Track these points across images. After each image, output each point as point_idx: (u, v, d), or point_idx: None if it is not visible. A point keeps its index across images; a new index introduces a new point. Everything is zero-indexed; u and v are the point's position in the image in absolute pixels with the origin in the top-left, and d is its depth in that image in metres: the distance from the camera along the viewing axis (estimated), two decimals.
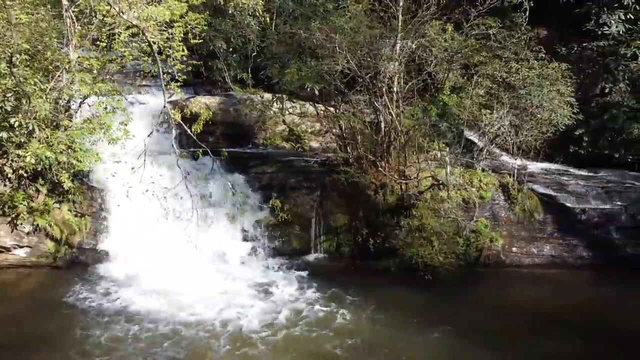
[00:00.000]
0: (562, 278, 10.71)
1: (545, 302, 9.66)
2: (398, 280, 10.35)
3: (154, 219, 10.63)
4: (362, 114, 12.15)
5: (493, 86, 12.25)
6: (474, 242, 10.93)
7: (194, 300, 9.29)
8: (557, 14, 15.22)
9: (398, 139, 11.10)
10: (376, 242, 11.01)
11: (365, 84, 10.48)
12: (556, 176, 12.86)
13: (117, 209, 11.02)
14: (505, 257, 11.09)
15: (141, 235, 11.04)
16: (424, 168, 11.25)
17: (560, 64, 12.17)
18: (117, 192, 10.65)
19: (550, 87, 11.85)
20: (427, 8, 10.26)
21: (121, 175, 9.39)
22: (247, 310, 9.01)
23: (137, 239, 11.01)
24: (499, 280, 10.54)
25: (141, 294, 9.58)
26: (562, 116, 11.86)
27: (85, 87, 9.74)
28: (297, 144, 13.63)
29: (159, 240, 10.89)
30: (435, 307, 9.26)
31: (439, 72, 11.32)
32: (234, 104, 14.13)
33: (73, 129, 10.06)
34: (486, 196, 11.52)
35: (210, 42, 15.00)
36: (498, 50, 12.09)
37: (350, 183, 11.17)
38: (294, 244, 11.45)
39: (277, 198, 11.68)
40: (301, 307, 9.17)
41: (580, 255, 11.21)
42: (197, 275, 10.18)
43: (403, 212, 11.11)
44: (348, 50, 9.64)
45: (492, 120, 11.64)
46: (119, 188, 10.37)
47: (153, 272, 10.22)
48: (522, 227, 11.44)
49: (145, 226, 11.00)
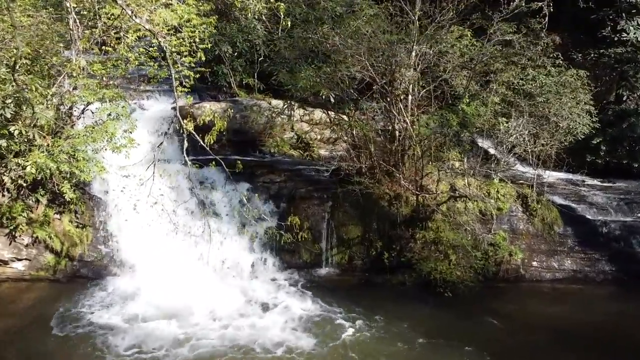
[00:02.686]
0: (584, 294, 10.29)
1: (568, 320, 9.24)
2: (414, 296, 9.92)
3: (160, 231, 10.17)
4: (374, 122, 11.75)
5: (508, 93, 11.90)
6: (492, 256, 10.51)
7: (200, 318, 8.83)
8: (572, 19, 14.89)
9: (413, 148, 10.68)
10: (391, 255, 10.57)
11: (381, 91, 10.06)
12: (574, 186, 12.46)
13: (120, 219, 10.57)
14: (525, 272, 10.67)
15: (146, 247, 10.60)
16: (440, 179, 10.83)
17: (579, 71, 11.82)
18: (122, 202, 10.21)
19: (570, 95, 11.49)
20: (445, 13, 9.86)
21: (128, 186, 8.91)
22: (256, 330, 8.57)
23: (142, 251, 10.58)
24: (520, 296, 10.10)
25: (145, 311, 9.14)
26: (581, 125, 11.51)
27: (88, 93, 9.27)
28: (305, 151, 13.20)
29: (164, 252, 10.46)
30: (453, 326, 8.82)
31: (456, 79, 10.91)
32: (240, 110, 13.69)
33: (75, 136, 9.58)
34: (504, 208, 11.10)
35: (216, 46, 14.58)
36: (514, 57, 11.74)
37: (363, 193, 10.74)
38: (304, 256, 11.00)
39: (287, 209, 11.25)
40: (312, 325, 8.75)
41: (602, 269, 10.80)
42: (203, 290, 9.72)
43: (418, 224, 10.69)
44: (365, 56, 9.22)
45: (509, 128, 11.25)
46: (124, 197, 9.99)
47: (158, 287, 9.77)
48: (542, 240, 11.03)
49: (151, 238, 10.55)
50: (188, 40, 8.86)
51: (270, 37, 14.44)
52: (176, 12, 9.39)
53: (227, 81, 15.11)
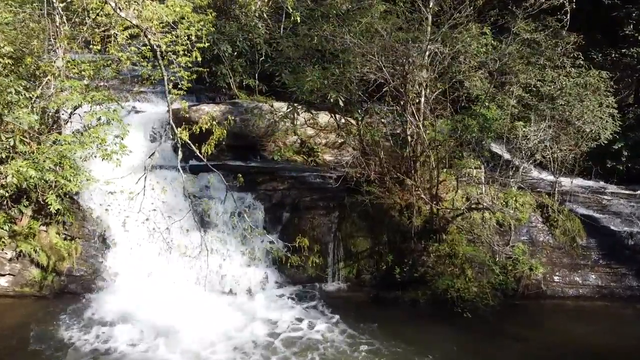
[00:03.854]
0: (611, 312, 9.54)
1: (595, 343, 8.45)
2: (428, 315, 9.17)
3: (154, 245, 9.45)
4: (383, 126, 11.00)
5: (525, 96, 11.18)
6: (511, 271, 9.76)
7: (195, 341, 8.08)
8: (589, 17, 14.12)
9: (427, 154, 9.94)
10: (402, 270, 9.83)
11: (392, 94, 9.32)
12: (596, 195, 11.70)
13: (111, 231, 9.86)
14: (547, 288, 9.92)
15: (140, 261, 9.89)
16: (455, 187, 10.09)
17: (600, 72, 11.09)
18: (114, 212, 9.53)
19: (592, 97, 10.76)
20: (461, 9, 9.11)
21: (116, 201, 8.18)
22: (254, 352, 7.85)
23: (134, 266, 9.87)
24: (542, 315, 9.35)
25: (137, 332, 8.37)
26: (605, 130, 10.78)
27: (75, 96, 8.53)
28: (309, 157, 12.47)
29: (158, 267, 9.74)
30: (472, 350, 8.06)
31: (472, 80, 10.16)
32: (240, 113, 12.93)
33: (62, 143, 8.85)
34: (523, 218, 10.37)
35: (215, 45, 13.86)
36: (532, 57, 11.02)
37: (373, 203, 10.00)
38: (309, 271, 10.21)
39: (291, 219, 10.52)
40: (312, 348, 8.01)
41: (629, 285, 10.05)
42: (200, 309, 8.98)
43: (432, 237, 9.95)
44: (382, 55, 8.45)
45: (528, 133, 10.52)
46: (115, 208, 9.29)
47: (152, 305, 9.03)
48: (564, 253, 10.29)
49: (145, 251, 9.83)
50: (183, 39, 8.11)
51: (272, 36, 13.72)
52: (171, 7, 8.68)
53: (227, 82, 14.37)
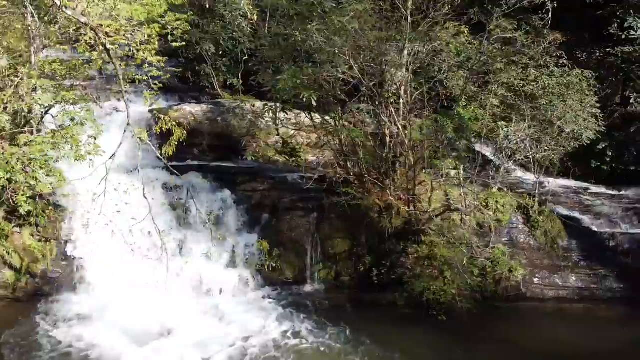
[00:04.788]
0: (591, 315, 9.45)
1: (572, 346, 8.40)
2: (406, 317, 9.09)
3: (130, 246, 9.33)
4: (364, 126, 10.89)
5: (508, 95, 11.06)
6: (490, 273, 9.66)
7: (169, 344, 7.98)
8: (575, 16, 14.03)
9: (405, 155, 9.83)
10: (380, 272, 9.72)
11: (369, 93, 9.20)
12: (578, 195, 11.62)
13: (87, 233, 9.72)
14: (526, 290, 9.82)
15: (116, 262, 9.73)
16: (434, 188, 9.99)
17: (584, 71, 10.98)
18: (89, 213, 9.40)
19: (574, 97, 10.66)
20: (439, 8, 9.00)
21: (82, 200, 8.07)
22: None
23: (111, 267, 9.71)
24: (521, 318, 9.25)
25: (111, 334, 8.28)
26: (586, 130, 10.67)
27: (46, 96, 8.40)
28: (291, 157, 12.33)
29: (134, 269, 9.60)
30: (447, 355, 7.98)
31: (452, 80, 10.05)
32: (222, 113, 12.83)
33: (34, 143, 8.71)
34: (503, 219, 10.28)
35: (197, 44, 13.74)
36: (514, 56, 10.91)
37: (351, 204, 9.89)
38: (287, 272, 10.14)
39: (269, 220, 10.42)
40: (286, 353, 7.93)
41: (610, 287, 9.95)
42: (175, 311, 8.86)
43: (411, 238, 9.84)
44: (351, 55, 8.35)
45: (509, 133, 10.42)
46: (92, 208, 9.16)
47: (127, 307, 8.92)
48: (545, 254, 10.20)
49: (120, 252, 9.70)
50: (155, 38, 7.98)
51: (256, 35, 13.60)
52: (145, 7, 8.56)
53: (210, 82, 14.28)
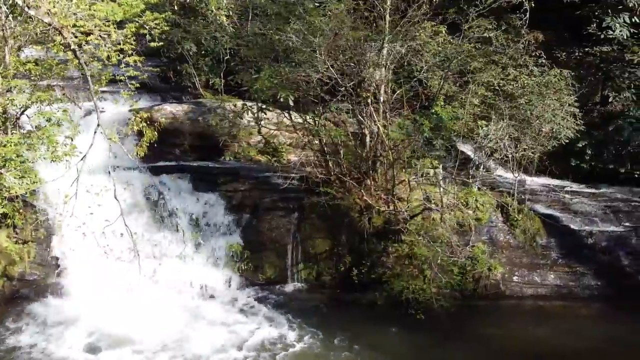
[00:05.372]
0: (569, 313, 9.50)
1: (551, 343, 8.45)
2: (386, 316, 9.08)
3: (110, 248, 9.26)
4: (345, 125, 10.89)
5: (488, 94, 11.13)
6: (470, 271, 9.71)
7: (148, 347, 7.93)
8: (555, 16, 14.16)
9: (385, 154, 9.85)
10: (361, 271, 9.74)
11: (348, 93, 9.21)
12: (557, 193, 11.71)
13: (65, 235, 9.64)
14: (506, 288, 9.88)
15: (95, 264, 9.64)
16: (414, 187, 10.02)
17: (562, 70, 11.08)
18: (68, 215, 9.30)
19: (553, 96, 10.75)
20: (418, 7, 9.02)
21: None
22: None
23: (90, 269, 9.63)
24: (500, 316, 9.30)
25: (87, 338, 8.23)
26: (565, 129, 10.77)
27: (22, 96, 8.31)
28: (273, 157, 12.30)
29: (114, 271, 9.52)
30: (425, 354, 8.01)
31: (431, 79, 10.09)
32: (203, 113, 12.76)
33: (9, 144, 8.61)
34: (483, 218, 10.32)
35: (179, 44, 13.66)
36: (494, 55, 10.97)
37: (331, 204, 9.89)
38: (268, 272, 10.13)
39: (250, 221, 10.40)
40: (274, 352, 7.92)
41: (588, 284, 10.03)
42: (155, 313, 8.79)
43: (391, 237, 9.86)
44: (328, 55, 8.35)
45: (488, 132, 10.48)
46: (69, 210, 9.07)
47: (104, 310, 8.81)
48: (524, 252, 10.26)
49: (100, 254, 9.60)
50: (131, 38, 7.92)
51: (239, 34, 13.55)
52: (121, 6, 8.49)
53: (192, 81, 14.21)
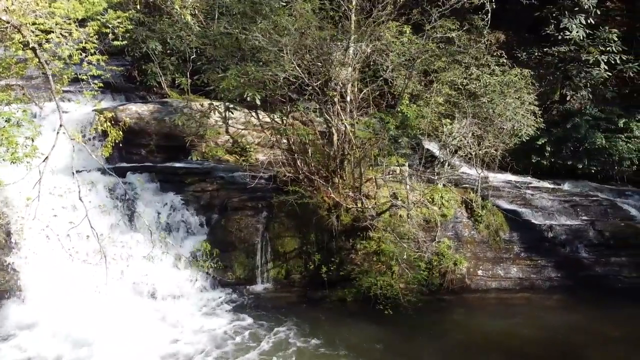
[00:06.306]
0: (531, 303, 9.84)
1: (514, 334, 8.73)
2: (354, 313, 9.21)
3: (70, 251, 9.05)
4: (313, 124, 10.95)
5: (452, 93, 11.40)
6: (436, 266, 9.93)
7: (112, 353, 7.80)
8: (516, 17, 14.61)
9: (352, 152, 9.96)
10: (330, 269, 9.81)
11: (315, 92, 9.28)
12: (519, 189, 12.09)
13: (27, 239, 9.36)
14: (470, 282, 10.15)
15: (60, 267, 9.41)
16: (381, 185, 10.17)
17: (523, 70, 11.44)
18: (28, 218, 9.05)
19: (514, 95, 11.08)
20: (382, 8, 9.16)
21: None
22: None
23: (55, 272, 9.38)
24: (465, 309, 9.54)
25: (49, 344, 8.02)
26: (526, 126, 11.12)
27: None
28: (241, 156, 12.25)
29: (76, 274, 9.27)
30: (392, 348, 8.12)
31: (397, 78, 10.26)
32: (169, 112, 12.63)
33: None
34: (448, 214, 10.58)
35: (144, 43, 13.46)
36: (457, 55, 11.23)
37: (299, 203, 9.93)
38: (237, 272, 10.09)
39: (219, 221, 10.34)
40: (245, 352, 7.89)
41: (549, 276, 10.42)
42: (120, 316, 8.65)
43: (359, 235, 9.98)
44: (294, 54, 8.39)
45: (452, 130, 10.73)
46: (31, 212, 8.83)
47: (66, 315, 8.61)
48: (487, 247, 10.56)
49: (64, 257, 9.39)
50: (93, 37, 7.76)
51: (205, 33, 13.44)
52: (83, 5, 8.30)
53: (157, 81, 14.02)
